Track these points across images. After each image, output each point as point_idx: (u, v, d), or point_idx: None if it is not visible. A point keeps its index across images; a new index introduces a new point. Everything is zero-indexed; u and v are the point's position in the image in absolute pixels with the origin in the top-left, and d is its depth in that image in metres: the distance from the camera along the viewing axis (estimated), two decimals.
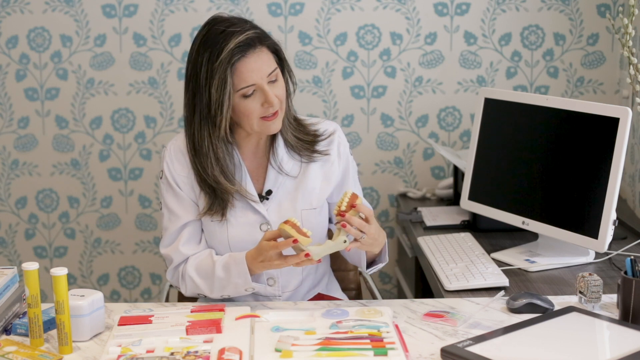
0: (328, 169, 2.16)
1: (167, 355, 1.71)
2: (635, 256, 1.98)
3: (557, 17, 3.20)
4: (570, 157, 2.29)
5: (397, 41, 3.22)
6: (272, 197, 2.13)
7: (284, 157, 2.13)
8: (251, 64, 2.00)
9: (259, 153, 2.15)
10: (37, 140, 3.28)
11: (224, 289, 2.05)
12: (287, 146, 2.14)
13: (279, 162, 2.13)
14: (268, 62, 2.03)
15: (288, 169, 2.13)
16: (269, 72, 2.02)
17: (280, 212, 2.12)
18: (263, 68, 2.01)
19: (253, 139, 2.14)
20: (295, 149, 2.13)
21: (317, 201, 2.15)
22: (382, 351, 1.71)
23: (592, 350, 1.76)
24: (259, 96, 2.02)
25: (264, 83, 2.01)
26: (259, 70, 2.00)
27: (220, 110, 2.00)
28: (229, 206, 2.09)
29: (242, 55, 1.99)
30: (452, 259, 2.34)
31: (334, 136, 2.17)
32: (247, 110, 2.02)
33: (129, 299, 3.42)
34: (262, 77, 2.01)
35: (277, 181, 2.13)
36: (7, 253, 3.37)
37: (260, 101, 2.02)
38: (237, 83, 2.00)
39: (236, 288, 2.04)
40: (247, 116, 2.03)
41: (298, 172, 2.14)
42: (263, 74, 2.01)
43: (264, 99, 2.01)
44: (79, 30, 3.19)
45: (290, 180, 2.14)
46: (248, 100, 2.01)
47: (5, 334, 1.89)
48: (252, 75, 2.00)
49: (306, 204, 2.13)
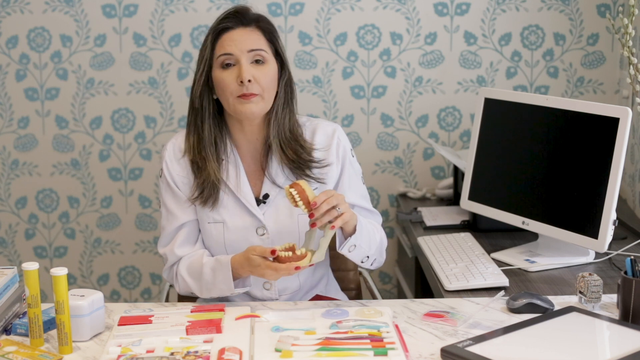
0: (325, 174, 2.14)
1: (167, 355, 1.71)
2: (635, 256, 1.99)
3: (557, 17, 3.20)
4: (570, 157, 2.29)
5: (397, 41, 3.22)
6: (268, 202, 2.12)
7: (276, 168, 2.12)
8: (234, 35, 2.06)
9: (257, 156, 2.15)
10: (37, 140, 3.28)
11: (211, 291, 2.07)
12: (282, 159, 2.11)
13: (272, 174, 2.12)
14: (254, 40, 2.06)
15: (281, 183, 2.12)
16: (251, 48, 2.05)
17: (277, 217, 2.11)
18: (246, 42, 2.05)
19: (247, 137, 2.13)
20: (292, 168, 2.11)
21: None
22: (382, 351, 1.71)
23: (592, 350, 1.76)
24: (236, 70, 2.04)
25: (242, 56, 2.04)
26: (241, 43, 2.05)
27: (202, 69, 2.07)
28: (221, 198, 2.09)
29: (230, 27, 2.07)
30: (452, 259, 2.34)
31: (333, 149, 2.15)
32: (223, 83, 2.05)
33: (129, 299, 3.42)
34: (242, 50, 2.04)
35: (274, 186, 2.13)
36: (7, 253, 3.37)
37: (236, 75, 2.04)
38: (217, 50, 2.06)
39: (222, 292, 2.05)
40: (223, 89, 2.05)
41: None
42: (244, 47, 2.04)
43: (238, 73, 2.03)
44: (79, 30, 3.19)
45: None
46: (225, 72, 2.05)
47: (5, 334, 1.89)
48: (232, 45, 2.05)
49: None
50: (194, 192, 2.11)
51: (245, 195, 2.10)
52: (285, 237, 2.11)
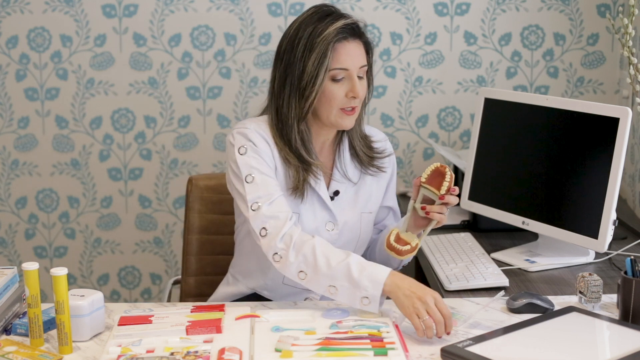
0: (381, 176, 2.21)
1: (167, 355, 1.71)
2: (635, 256, 1.99)
3: (557, 17, 3.20)
4: (570, 157, 2.29)
5: (397, 41, 3.22)
6: (338, 198, 2.15)
7: (348, 163, 2.16)
8: (350, 49, 2.04)
9: (324, 153, 2.17)
10: (37, 140, 3.28)
11: (335, 280, 1.90)
12: (351, 154, 2.17)
13: (344, 165, 2.16)
14: (363, 55, 2.07)
15: (350, 174, 2.17)
16: (361, 65, 2.06)
17: (343, 214, 2.15)
18: (359, 58, 2.05)
19: (321, 137, 2.14)
20: (360, 160, 2.16)
21: (374, 205, 2.21)
22: (382, 351, 1.71)
23: (592, 350, 1.76)
24: (346, 84, 2.04)
25: (354, 72, 2.04)
26: (355, 58, 2.04)
27: (312, 83, 2.02)
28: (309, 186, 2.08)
29: (345, 38, 2.04)
30: (452, 259, 2.34)
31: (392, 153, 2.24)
32: (332, 94, 2.03)
33: (129, 299, 3.42)
34: (356, 66, 2.04)
35: (342, 183, 2.16)
36: (7, 253, 3.37)
37: (346, 89, 2.04)
38: (333, 62, 2.03)
39: (349, 290, 1.90)
40: (329, 101, 2.04)
41: (358, 179, 2.18)
42: (357, 63, 2.05)
43: (350, 88, 2.04)
44: (79, 30, 3.19)
45: (351, 184, 2.17)
46: (336, 85, 2.04)
47: (5, 334, 1.89)
48: (348, 60, 2.03)
49: (365, 207, 2.18)
50: (288, 182, 2.08)
51: (322, 190, 2.12)
52: (348, 233, 2.15)
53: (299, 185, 2.07)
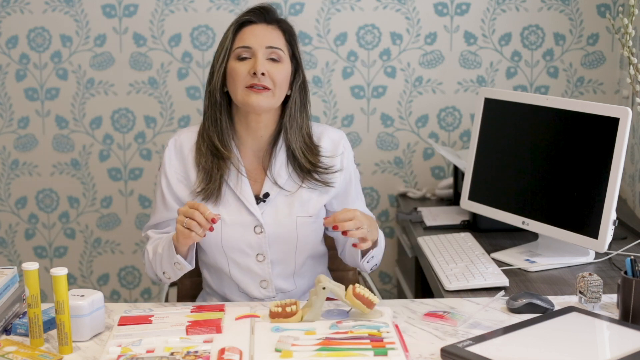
0: (330, 179, 2.15)
1: (167, 355, 1.71)
2: (635, 256, 1.99)
3: (557, 17, 3.20)
4: (570, 157, 2.29)
5: (397, 41, 3.22)
6: (268, 201, 2.12)
7: (281, 172, 2.12)
8: (255, 30, 2.09)
9: (260, 153, 2.15)
10: (37, 140, 3.28)
11: (161, 263, 2.08)
12: (289, 157, 2.12)
13: (274, 174, 2.12)
14: (274, 38, 2.09)
15: (282, 183, 2.12)
16: (269, 45, 2.07)
17: (276, 217, 2.11)
18: (266, 38, 2.07)
19: (255, 137, 2.12)
20: (300, 166, 2.11)
21: (314, 209, 2.14)
22: (382, 351, 1.71)
23: (592, 350, 1.76)
24: (251, 62, 2.06)
25: (259, 50, 2.06)
26: (260, 38, 2.07)
27: (218, 64, 2.09)
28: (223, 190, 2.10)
29: (253, 21, 2.10)
30: (452, 259, 2.34)
31: (338, 157, 2.16)
32: (235, 72, 2.06)
33: (129, 299, 3.42)
34: (260, 45, 2.06)
35: (275, 186, 2.12)
36: (7, 253, 3.37)
37: (249, 67, 2.05)
38: (236, 42, 2.08)
39: (166, 261, 2.06)
40: (234, 79, 2.06)
41: (294, 189, 2.12)
42: (263, 42, 2.07)
43: (252, 65, 2.05)
44: (79, 30, 3.19)
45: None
46: (240, 63, 2.07)
47: (5, 334, 1.89)
48: (251, 38, 2.07)
49: (302, 211, 2.13)
50: (198, 185, 2.10)
51: (244, 193, 2.10)
52: (283, 238, 2.12)
53: (212, 185, 2.09)
